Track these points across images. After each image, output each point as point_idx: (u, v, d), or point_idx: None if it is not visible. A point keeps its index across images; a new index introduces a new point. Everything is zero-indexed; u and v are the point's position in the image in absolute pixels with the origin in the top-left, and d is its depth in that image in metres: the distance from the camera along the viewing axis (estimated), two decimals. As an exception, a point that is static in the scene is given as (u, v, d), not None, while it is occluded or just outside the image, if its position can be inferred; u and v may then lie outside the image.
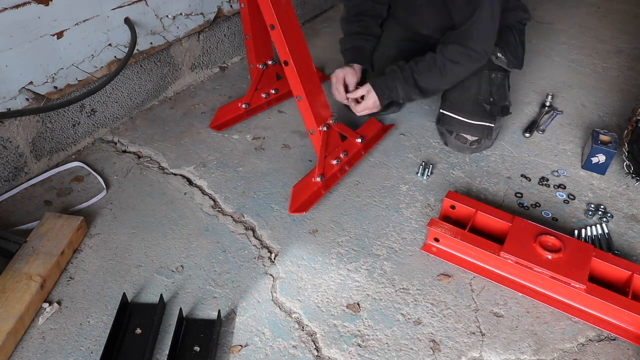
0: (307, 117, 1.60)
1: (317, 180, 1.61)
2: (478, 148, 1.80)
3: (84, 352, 1.19)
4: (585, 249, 1.36)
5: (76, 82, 1.67)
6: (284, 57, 1.49)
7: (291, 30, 1.47)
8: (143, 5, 1.79)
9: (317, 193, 1.60)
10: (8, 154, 1.57)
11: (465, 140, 1.79)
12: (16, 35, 1.46)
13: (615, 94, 2.19)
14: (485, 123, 1.75)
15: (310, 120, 1.60)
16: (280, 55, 1.49)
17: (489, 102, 1.73)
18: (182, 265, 1.40)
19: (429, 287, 1.37)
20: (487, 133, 1.77)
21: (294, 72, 1.50)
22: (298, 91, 1.54)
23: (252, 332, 1.24)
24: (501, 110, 1.76)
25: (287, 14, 1.45)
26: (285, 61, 1.49)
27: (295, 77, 1.51)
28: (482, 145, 1.80)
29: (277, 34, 1.45)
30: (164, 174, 1.70)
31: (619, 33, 2.69)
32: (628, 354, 1.23)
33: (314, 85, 1.59)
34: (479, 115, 1.74)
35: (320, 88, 1.62)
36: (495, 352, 1.22)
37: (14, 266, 1.30)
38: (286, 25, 1.44)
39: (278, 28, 1.43)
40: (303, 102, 1.56)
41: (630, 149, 1.70)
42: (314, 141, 1.64)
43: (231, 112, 1.94)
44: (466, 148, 1.80)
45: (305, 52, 1.55)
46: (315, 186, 1.61)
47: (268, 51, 1.96)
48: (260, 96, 2.00)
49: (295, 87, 1.54)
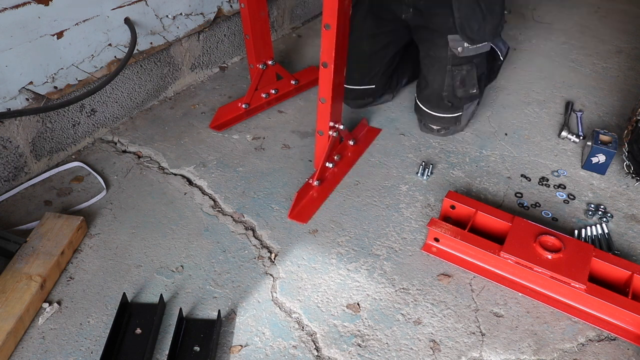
0: (324, 120, 1.60)
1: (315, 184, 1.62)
2: (447, 133, 1.89)
3: (84, 352, 1.19)
4: (585, 249, 1.36)
5: (76, 82, 1.67)
6: (327, 59, 1.47)
7: (343, 33, 1.45)
8: (143, 5, 1.79)
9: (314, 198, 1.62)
10: (8, 154, 1.57)
11: (432, 129, 1.88)
12: (16, 35, 1.46)
13: (615, 94, 2.19)
14: (449, 115, 1.83)
15: (325, 123, 1.60)
16: (323, 56, 1.47)
17: (452, 97, 1.80)
18: (182, 265, 1.40)
19: (429, 287, 1.37)
20: (453, 122, 1.85)
21: (330, 75, 1.49)
22: (325, 94, 1.53)
23: (252, 332, 1.24)
24: (470, 98, 1.81)
25: (345, 16, 1.42)
26: (325, 63, 1.48)
27: (329, 80, 1.50)
28: (450, 130, 1.88)
29: (330, 34, 1.42)
30: (164, 174, 1.70)
31: (619, 33, 2.69)
32: (628, 354, 1.23)
33: (341, 91, 1.60)
34: (442, 108, 1.82)
35: (342, 95, 1.64)
36: (495, 352, 1.22)
37: (14, 266, 1.30)
38: (340, 28, 1.42)
39: (333, 29, 1.40)
40: (326, 105, 1.56)
41: (630, 149, 1.70)
42: (320, 143, 1.65)
43: (231, 112, 1.94)
44: (435, 133, 1.89)
45: (345, 56, 1.54)
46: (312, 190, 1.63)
47: (268, 51, 1.96)
48: (260, 96, 2.00)
49: (324, 90, 1.53)
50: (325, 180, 1.66)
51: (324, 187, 1.64)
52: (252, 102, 1.97)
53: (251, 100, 1.96)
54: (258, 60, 1.93)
